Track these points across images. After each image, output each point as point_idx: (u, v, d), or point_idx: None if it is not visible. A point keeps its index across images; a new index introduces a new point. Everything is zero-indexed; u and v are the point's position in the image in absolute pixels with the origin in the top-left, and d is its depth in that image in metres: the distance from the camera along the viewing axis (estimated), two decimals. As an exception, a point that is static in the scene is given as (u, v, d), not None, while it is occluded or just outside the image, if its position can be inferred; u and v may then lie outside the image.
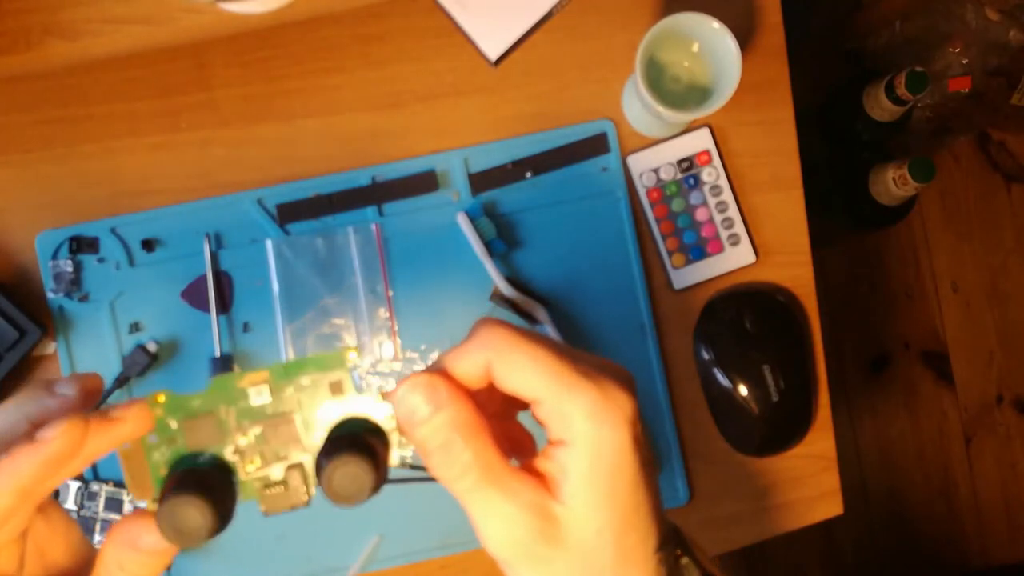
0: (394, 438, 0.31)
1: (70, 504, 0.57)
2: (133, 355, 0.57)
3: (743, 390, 0.59)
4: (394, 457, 0.32)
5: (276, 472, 0.30)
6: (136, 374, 0.57)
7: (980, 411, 1.39)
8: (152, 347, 0.57)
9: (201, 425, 0.29)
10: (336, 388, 0.30)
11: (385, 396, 0.30)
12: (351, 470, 0.29)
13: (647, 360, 0.60)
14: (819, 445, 0.62)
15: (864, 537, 1.38)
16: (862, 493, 1.38)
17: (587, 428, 0.29)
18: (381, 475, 0.30)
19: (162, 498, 0.28)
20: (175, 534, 0.27)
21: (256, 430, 0.30)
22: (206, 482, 0.28)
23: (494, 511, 0.29)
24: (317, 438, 0.30)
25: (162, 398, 0.29)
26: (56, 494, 0.57)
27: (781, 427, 0.60)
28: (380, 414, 0.31)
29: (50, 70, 0.60)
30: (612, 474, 0.29)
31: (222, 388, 0.29)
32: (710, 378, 0.60)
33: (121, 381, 0.57)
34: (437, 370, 0.30)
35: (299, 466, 0.31)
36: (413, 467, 0.62)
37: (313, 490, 0.32)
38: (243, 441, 0.30)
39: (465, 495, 0.30)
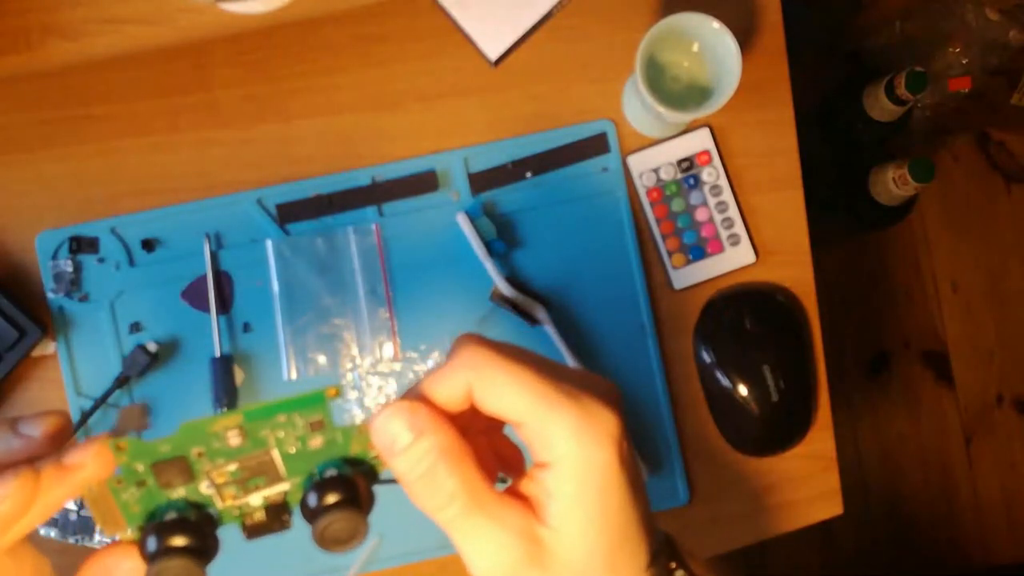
0: (379, 465, 0.30)
1: (70, 503, 0.57)
2: (133, 355, 0.57)
3: (743, 390, 0.59)
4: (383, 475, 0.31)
5: (255, 500, 0.29)
6: (136, 374, 0.57)
7: (980, 411, 1.38)
8: (152, 347, 0.57)
9: (171, 467, 0.28)
10: (316, 426, 0.29)
11: (364, 426, 0.29)
12: (342, 525, 0.28)
13: (647, 360, 0.60)
14: (819, 445, 0.62)
15: (864, 537, 1.37)
16: (862, 493, 1.38)
17: (570, 449, 0.28)
18: (368, 510, 0.29)
19: (144, 545, 0.27)
20: None
21: (231, 467, 0.28)
22: (187, 532, 0.28)
23: (480, 539, 0.29)
24: (298, 466, 0.29)
25: (124, 445, 0.27)
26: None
27: (781, 427, 0.60)
28: (362, 446, 0.29)
29: (50, 70, 0.60)
30: (599, 495, 0.28)
31: (191, 433, 0.27)
32: (710, 378, 0.60)
33: (121, 381, 0.57)
34: (416, 396, 0.29)
35: (279, 495, 0.30)
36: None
37: (292, 517, 0.31)
38: (218, 478, 0.28)
39: (450, 524, 0.29)
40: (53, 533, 0.57)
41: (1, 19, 0.59)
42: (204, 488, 0.29)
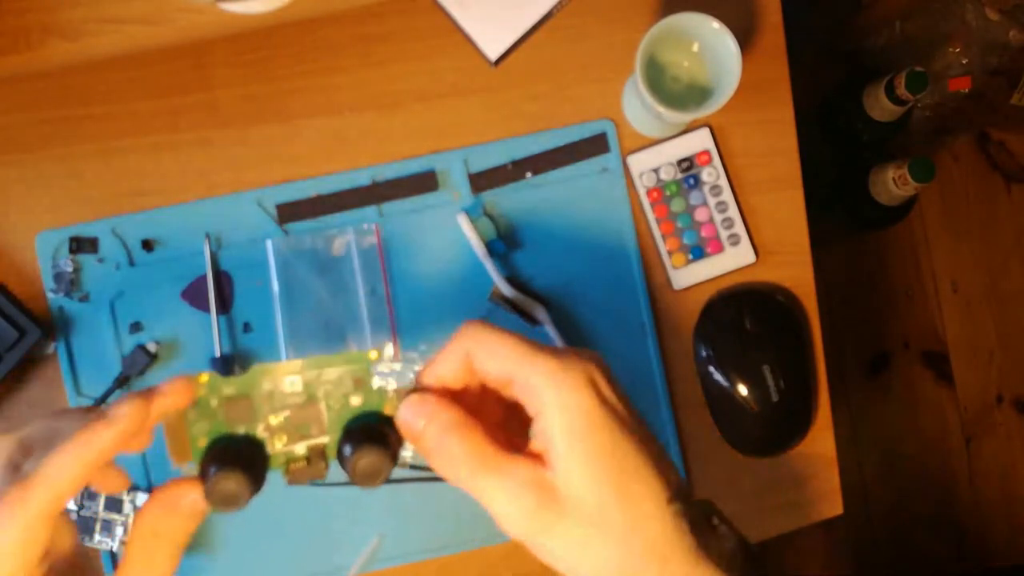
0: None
1: (70, 504, 0.57)
2: (133, 355, 0.57)
3: (743, 390, 0.59)
4: (401, 456, 0.35)
5: (300, 449, 0.34)
6: (136, 374, 0.57)
7: (980, 411, 1.38)
8: (152, 347, 0.57)
9: (238, 405, 0.33)
10: (359, 383, 0.34)
11: (396, 391, 0.35)
12: (372, 459, 0.33)
13: (647, 360, 0.60)
14: (819, 445, 0.62)
15: (864, 537, 1.38)
16: (862, 493, 1.38)
17: (550, 394, 0.32)
18: (394, 461, 0.34)
19: (205, 470, 0.32)
20: (220, 501, 0.32)
21: (285, 412, 0.34)
22: (244, 457, 0.32)
23: (496, 493, 0.32)
24: (338, 423, 0.34)
25: (205, 378, 0.33)
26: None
27: (781, 427, 0.60)
28: (393, 407, 0.35)
29: (50, 70, 0.60)
30: (587, 434, 0.32)
31: (260, 375, 0.33)
32: (710, 378, 0.60)
33: (121, 381, 0.57)
34: (424, 382, 0.34)
35: (321, 446, 0.34)
36: (413, 467, 0.62)
37: (330, 466, 0.35)
38: (273, 421, 0.34)
39: (467, 484, 0.33)
40: (53, 533, 0.57)
41: (1, 19, 0.59)
42: (261, 431, 0.34)
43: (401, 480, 0.59)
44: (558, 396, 0.32)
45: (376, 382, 0.35)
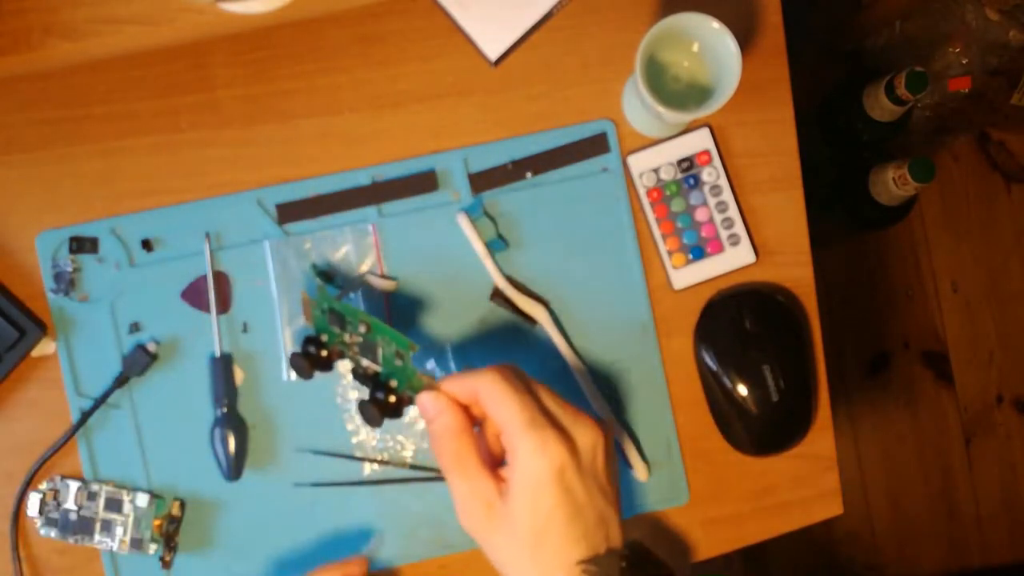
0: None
1: (70, 504, 0.57)
2: (133, 355, 0.57)
3: (743, 390, 0.59)
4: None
5: (364, 362, 0.52)
6: (136, 374, 0.57)
7: (980, 411, 1.39)
8: (152, 347, 0.57)
9: (336, 316, 0.52)
10: (400, 355, 0.49)
11: (421, 375, 0.47)
12: (373, 413, 0.49)
13: (647, 360, 0.60)
14: (819, 445, 0.62)
15: (864, 537, 1.38)
16: (862, 493, 1.38)
17: (522, 462, 0.43)
18: (395, 415, 0.50)
19: (303, 344, 0.55)
20: (298, 369, 0.54)
21: (359, 339, 0.52)
22: (323, 348, 0.54)
23: (460, 491, 0.45)
24: (387, 363, 0.50)
25: (322, 286, 0.54)
26: (55, 493, 0.57)
27: (781, 427, 0.60)
28: (419, 382, 0.48)
29: (51, 70, 0.60)
30: (533, 497, 0.43)
31: (347, 310, 0.52)
32: (710, 378, 0.60)
33: (121, 381, 0.57)
34: (442, 386, 0.46)
35: (374, 369, 0.52)
36: (413, 467, 0.62)
37: (374, 367, 0.52)
38: (349, 339, 0.52)
39: (445, 473, 0.46)
40: (53, 533, 0.57)
41: (1, 19, 0.59)
42: (343, 338, 0.53)
43: (401, 480, 0.59)
44: (527, 465, 0.43)
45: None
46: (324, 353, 0.54)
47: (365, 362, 0.51)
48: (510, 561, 0.44)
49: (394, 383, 0.49)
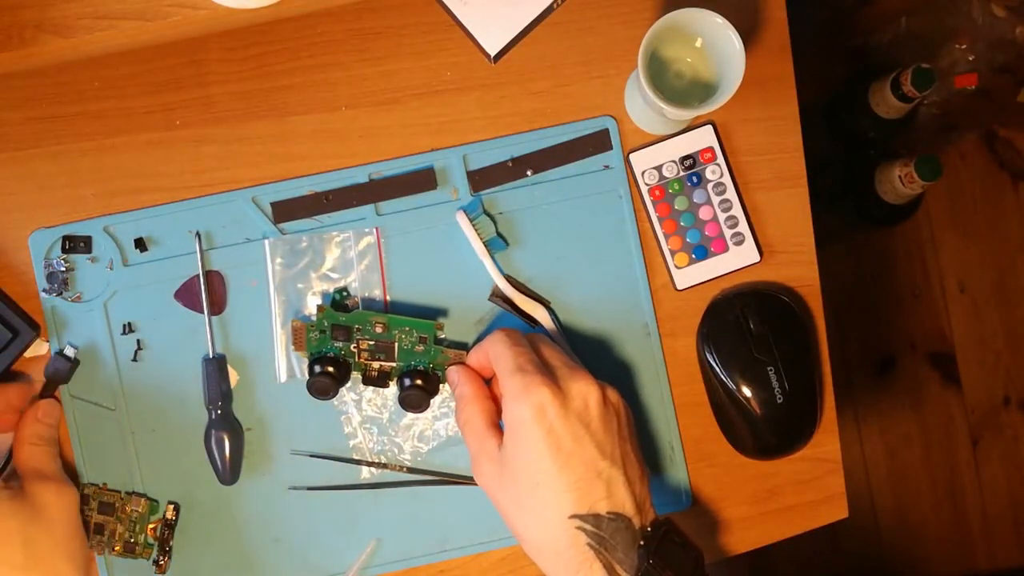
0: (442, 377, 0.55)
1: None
2: (54, 363, 0.56)
3: (747, 391, 0.58)
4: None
5: (375, 365, 0.55)
6: (63, 381, 0.56)
7: (987, 413, 1.37)
8: (70, 352, 0.56)
9: (341, 330, 0.54)
10: (423, 340, 0.54)
11: (446, 353, 0.54)
12: (417, 394, 0.54)
13: (649, 361, 0.59)
14: (824, 448, 0.61)
15: (870, 540, 1.36)
16: (868, 496, 1.37)
17: (507, 407, 0.46)
18: (431, 396, 0.55)
19: (311, 368, 0.54)
20: (318, 391, 0.54)
21: (371, 342, 0.54)
22: (335, 366, 0.54)
23: (470, 452, 0.50)
24: (404, 358, 0.54)
25: (323, 308, 0.55)
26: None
27: (785, 429, 0.59)
28: (443, 362, 0.54)
29: (43, 67, 0.59)
30: (521, 441, 0.45)
31: (358, 317, 0.54)
32: (713, 379, 0.59)
33: (46, 391, 0.56)
34: (467, 359, 0.53)
35: (389, 367, 0.55)
36: (411, 470, 0.62)
37: (392, 381, 0.55)
38: (362, 344, 0.54)
39: (463, 433, 0.51)
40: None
41: (-7, 15, 0.59)
42: (352, 348, 0.54)
43: (399, 484, 0.58)
44: (513, 408, 0.45)
45: (434, 343, 0.54)
46: (335, 369, 0.54)
47: (376, 364, 0.54)
48: (516, 515, 0.46)
49: (421, 366, 0.54)
